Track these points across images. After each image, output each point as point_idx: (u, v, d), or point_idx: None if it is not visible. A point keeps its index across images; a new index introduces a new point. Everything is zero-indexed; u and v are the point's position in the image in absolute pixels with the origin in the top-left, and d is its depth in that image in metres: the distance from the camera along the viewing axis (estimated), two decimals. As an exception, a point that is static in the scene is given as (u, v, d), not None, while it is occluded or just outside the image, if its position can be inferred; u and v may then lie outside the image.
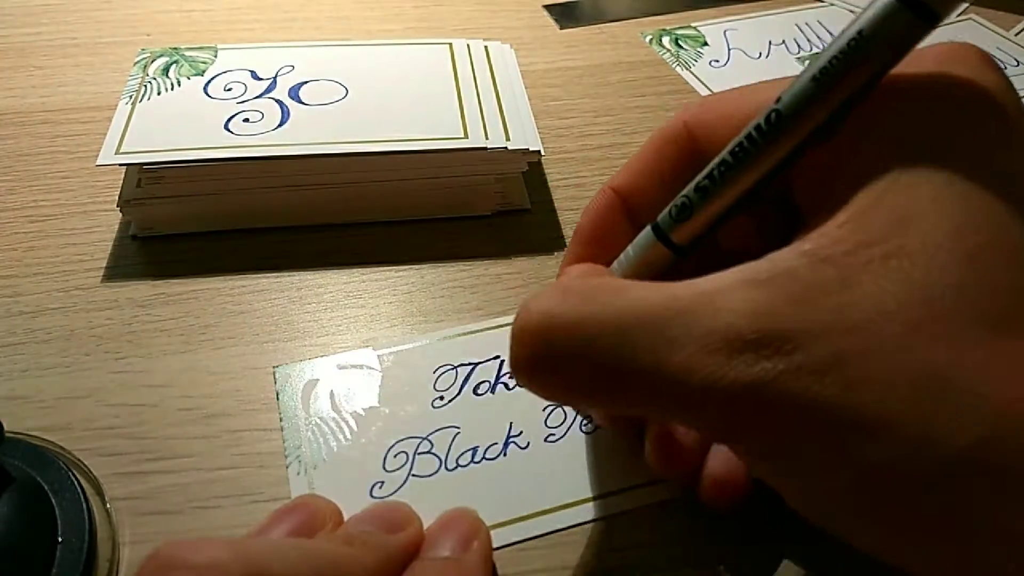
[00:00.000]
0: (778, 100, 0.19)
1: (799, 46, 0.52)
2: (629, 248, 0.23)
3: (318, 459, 0.27)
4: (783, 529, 0.25)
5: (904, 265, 0.16)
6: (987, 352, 0.16)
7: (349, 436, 0.28)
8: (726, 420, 0.17)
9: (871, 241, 0.17)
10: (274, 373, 0.30)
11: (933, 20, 0.17)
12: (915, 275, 0.16)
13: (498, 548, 0.25)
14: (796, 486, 0.18)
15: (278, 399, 0.29)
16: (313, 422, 0.28)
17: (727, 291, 0.17)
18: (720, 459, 0.25)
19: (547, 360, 0.19)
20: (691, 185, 0.21)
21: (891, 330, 0.16)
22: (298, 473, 0.27)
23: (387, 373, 0.30)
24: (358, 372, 0.30)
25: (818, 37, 0.53)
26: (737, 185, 0.20)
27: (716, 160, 0.20)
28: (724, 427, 0.18)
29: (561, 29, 0.53)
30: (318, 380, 0.30)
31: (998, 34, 0.54)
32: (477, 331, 0.32)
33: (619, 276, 0.23)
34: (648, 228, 0.22)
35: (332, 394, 0.29)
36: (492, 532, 0.25)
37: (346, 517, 0.25)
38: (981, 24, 0.55)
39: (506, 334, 0.31)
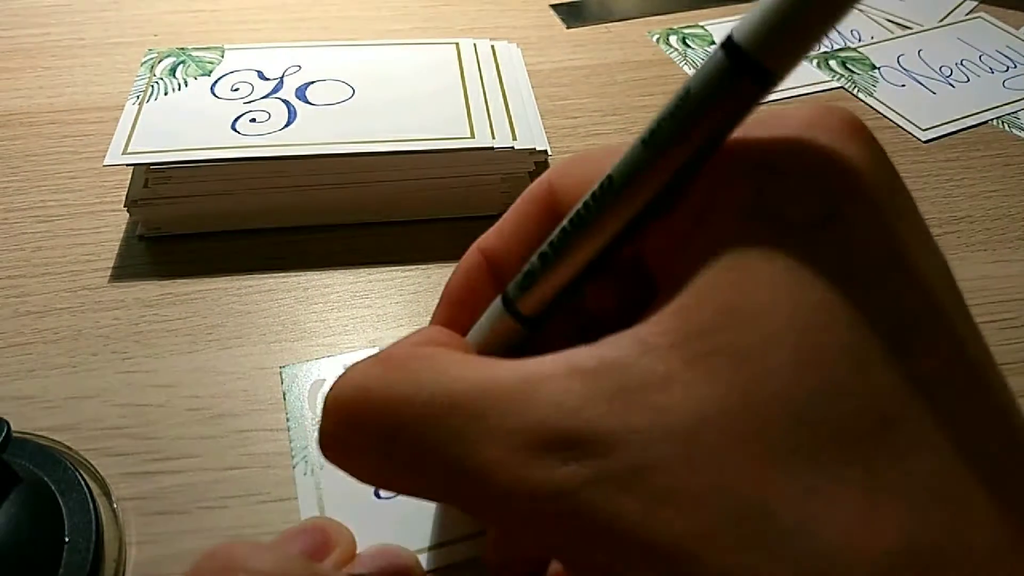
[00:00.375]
0: (615, 165, 0.18)
1: (819, 43, 0.52)
2: (483, 317, 0.22)
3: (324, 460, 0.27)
4: None
5: (729, 365, 0.14)
6: (811, 480, 0.14)
7: None
8: (532, 528, 0.15)
9: (699, 333, 0.15)
10: (281, 373, 0.30)
11: (766, 81, 0.15)
12: (739, 378, 0.14)
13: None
14: None
15: (285, 399, 0.29)
16: (319, 422, 0.28)
17: (548, 379, 0.15)
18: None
19: (352, 440, 0.18)
20: (535, 254, 0.19)
21: (707, 441, 0.14)
22: (305, 474, 0.27)
23: None
24: None
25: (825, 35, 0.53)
26: (577, 254, 0.18)
27: (559, 228, 0.19)
28: (530, 535, 0.16)
29: (568, 28, 0.53)
30: (325, 380, 0.30)
31: (1008, 32, 0.53)
32: None
33: (473, 345, 0.22)
34: (498, 299, 0.21)
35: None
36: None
37: (354, 522, 0.24)
38: (990, 22, 0.54)
39: None
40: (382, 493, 0.26)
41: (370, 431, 0.17)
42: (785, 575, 0.13)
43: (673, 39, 0.52)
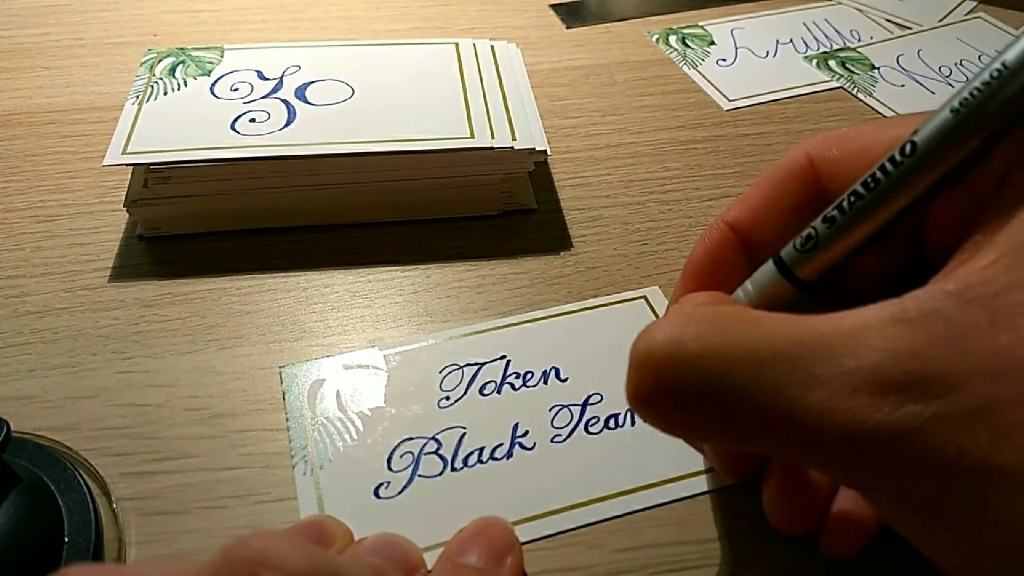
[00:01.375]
0: (915, 132, 0.18)
1: (807, 45, 0.52)
2: (748, 283, 0.22)
3: (324, 459, 0.27)
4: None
5: None
6: None
7: (355, 436, 0.28)
8: (866, 466, 0.16)
9: (1017, 284, 0.16)
10: (280, 373, 0.30)
11: None
12: None
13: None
14: (936, 540, 0.17)
15: (284, 399, 0.29)
16: (319, 422, 0.28)
17: (872, 329, 0.16)
18: (848, 500, 0.23)
19: (673, 392, 0.18)
20: (819, 218, 0.20)
21: None
22: (304, 473, 0.27)
23: (393, 373, 0.30)
24: (364, 372, 0.30)
25: (825, 36, 0.53)
26: (870, 220, 0.19)
27: (847, 193, 0.20)
28: (863, 474, 0.17)
29: (567, 28, 0.53)
30: (324, 380, 0.30)
31: (1007, 33, 0.53)
32: (483, 331, 0.32)
33: None
34: (770, 262, 0.22)
35: (338, 394, 0.29)
36: None
37: (354, 521, 0.25)
38: (989, 22, 0.54)
39: (512, 333, 0.31)
40: (382, 493, 0.26)
41: (689, 382, 0.18)
42: None
43: (673, 39, 0.52)
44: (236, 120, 0.35)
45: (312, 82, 0.38)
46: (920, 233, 0.21)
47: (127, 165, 0.34)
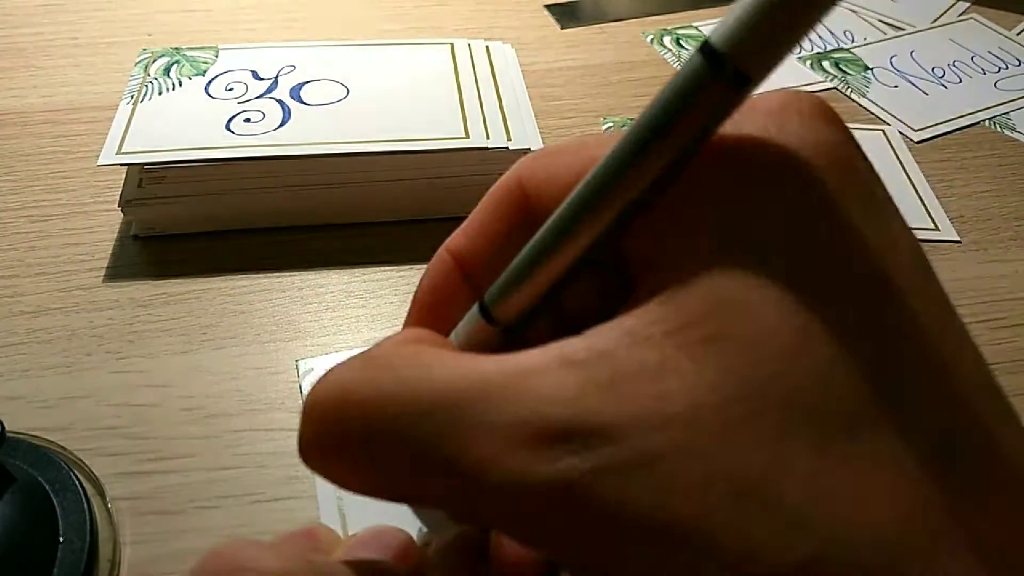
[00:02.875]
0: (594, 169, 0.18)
1: (799, 45, 0.52)
2: (461, 323, 0.21)
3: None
4: None
5: (725, 351, 0.15)
6: (814, 460, 0.14)
7: None
8: (531, 524, 0.15)
9: (689, 322, 0.15)
10: (296, 366, 0.30)
11: (742, 84, 0.15)
12: (736, 363, 0.15)
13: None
14: None
15: (301, 392, 0.29)
16: None
17: (539, 372, 0.15)
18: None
19: (333, 443, 0.17)
20: (514, 260, 0.19)
21: (708, 427, 0.14)
22: None
23: None
24: None
25: (819, 36, 0.53)
26: (554, 262, 0.18)
27: (536, 234, 0.18)
28: (529, 532, 0.16)
29: (562, 29, 0.53)
30: None
31: (1000, 34, 0.54)
32: None
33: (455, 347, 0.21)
34: (475, 305, 0.20)
35: None
36: None
37: (373, 511, 0.24)
38: (982, 24, 0.55)
39: None
40: None
41: (352, 433, 0.17)
42: (800, 548, 0.13)
43: (667, 39, 0.53)
44: (231, 120, 0.35)
45: (307, 82, 0.38)
46: (623, 254, 0.19)
47: (122, 165, 0.34)
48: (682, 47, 0.52)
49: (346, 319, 0.32)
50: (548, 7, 0.55)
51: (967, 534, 0.14)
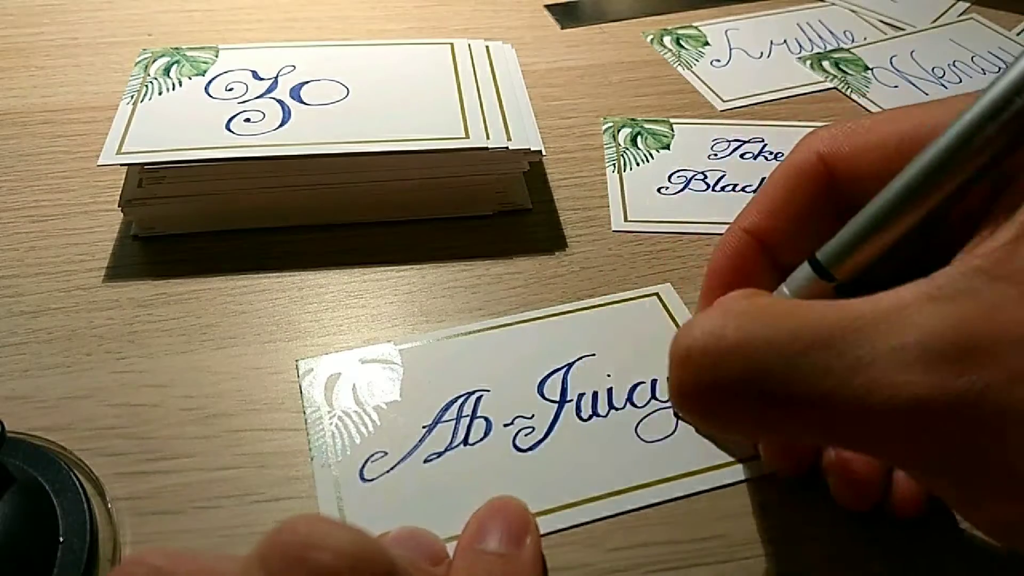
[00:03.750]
0: (952, 125, 0.19)
1: (800, 46, 0.52)
2: (783, 287, 0.23)
3: (342, 451, 0.27)
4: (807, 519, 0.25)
5: None
6: None
7: (372, 429, 0.28)
8: (923, 436, 0.17)
9: None
10: (297, 366, 0.30)
11: None
12: None
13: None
14: (988, 505, 0.18)
15: (301, 392, 0.29)
16: (336, 415, 0.29)
17: (911, 308, 0.17)
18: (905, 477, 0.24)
19: (715, 386, 0.18)
20: (856, 220, 0.21)
21: None
22: (323, 465, 0.27)
23: (408, 368, 0.30)
24: (380, 366, 0.30)
25: (819, 36, 0.53)
26: (902, 221, 0.20)
27: (884, 193, 0.20)
28: (919, 445, 0.17)
29: (562, 29, 0.53)
30: (340, 374, 0.30)
31: (1000, 34, 0.54)
32: (496, 327, 0.32)
33: None
34: (806, 265, 0.22)
35: (355, 387, 0.29)
36: None
37: (372, 512, 0.24)
38: (982, 24, 0.55)
39: (511, 332, 0.31)
40: (397, 483, 0.26)
41: (732, 375, 0.18)
42: None
43: (667, 39, 0.53)
44: (231, 120, 0.35)
45: (307, 82, 0.38)
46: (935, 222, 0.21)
47: (122, 165, 0.34)
48: (682, 47, 0.52)
49: (346, 319, 0.32)
50: (548, 7, 0.55)
51: None
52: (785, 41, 0.53)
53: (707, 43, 0.52)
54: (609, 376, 0.30)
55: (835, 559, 0.25)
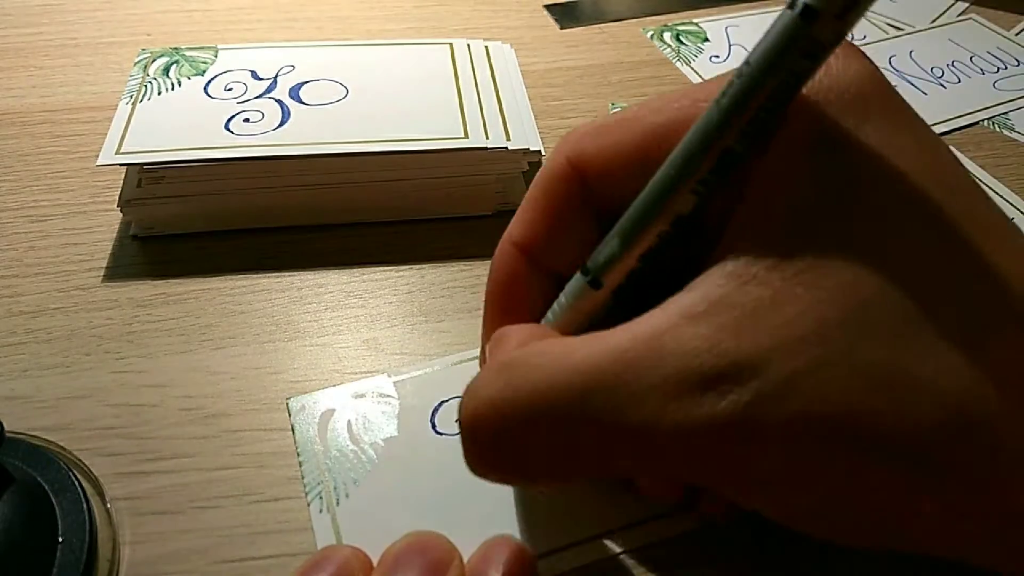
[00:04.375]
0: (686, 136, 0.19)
1: None
2: (562, 296, 0.23)
3: (340, 495, 0.26)
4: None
5: (828, 272, 0.16)
6: (930, 340, 0.16)
7: (370, 468, 0.27)
8: (704, 461, 0.17)
9: (790, 254, 0.17)
10: (287, 405, 0.29)
11: (820, 51, 0.17)
12: (841, 279, 0.16)
13: None
14: (793, 505, 0.18)
15: (293, 432, 0.28)
16: (332, 455, 0.27)
17: (668, 331, 0.17)
18: None
19: (508, 446, 0.18)
20: (617, 225, 0.21)
21: (832, 339, 0.16)
22: (320, 511, 0.26)
23: (404, 401, 0.29)
24: (375, 401, 0.29)
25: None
26: (659, 223, 0.20)
27: (638, 197, 0.20)
28: (704, 469, 0.18)
29: (562, 29, 0.53)
30: (335, 410, 0.29)
31: (998, 34, 0.54)
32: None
33: (554, 326, 0.22)
34: (581, 278, 0.22)
35: (349, 424, 0.28)
36: None
37: (374, 552, 0.24)
38: (981, 24, 0.55)
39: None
40: (402, 525, 0.24)
41: (519, 435, 0.18)
42: (936, 416, 0.16)
43: (667, 35, 0.53)
44: (230, 120, 0.35)
45: (306, 82, 0.38)
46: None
47: (121, 165, 0.34)
48: (681, 43, 0.52)
49: (346, 319, 0.32)
50: (548, 7, 0.55)
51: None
52: (784, 40, 0.53)
53: (706, 39, 0.53)
54: None
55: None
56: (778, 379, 0.16)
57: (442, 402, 0.29)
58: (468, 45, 0.42)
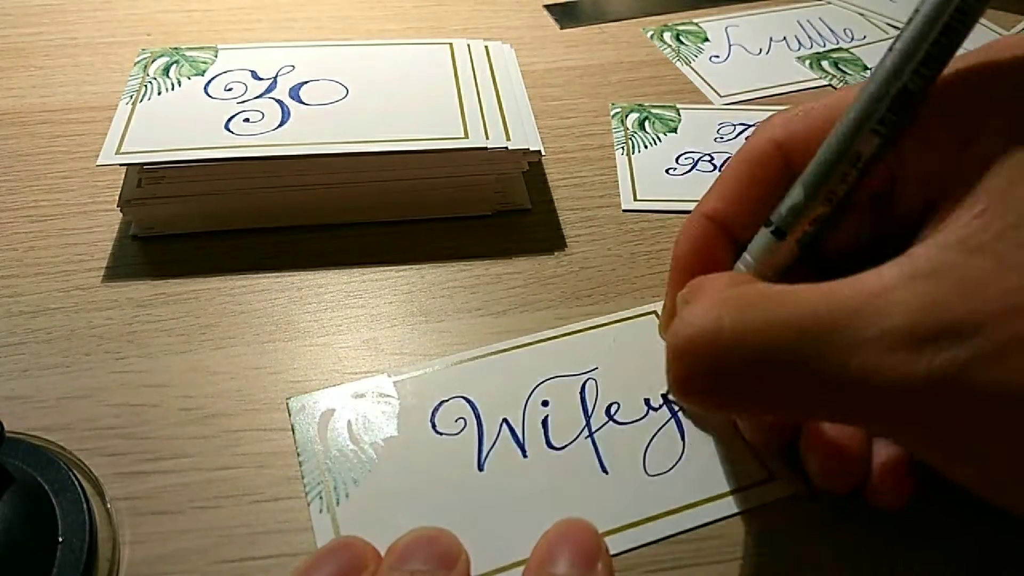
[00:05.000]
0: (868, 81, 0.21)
1: (800, 43, 0.52)
2: (746, 255, 0.24)
3: (340, 495, 0.26)
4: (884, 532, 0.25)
5: None
6: None
7: (371, 468, 0.27)
8: (915, 414, 0.18)
9: (1016, 225, 0.17)
10: (287, 405, 0.29)
11: None
12: None
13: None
14: (984, 471, 0.18)
15: (293, 432, 0.28)
16: (332, 455, 0.27)
17: (895, 287, 0.18)
18: (888, 453, 0.25)
19: (718, 374, 0.19)
20: (798, 182, 0.22)
21: None
22: (320, 511, 0.26)
23: (404, 400, 0.29)
24: (374, 401, 0.29)
25: (819, 34, 0.53)
26: (839, 171, 0.21)
27: (817, 155, 0.22)
28: (912, 422, 0.18)
29: (561, 29, 0.53)
30: (335, 410, 0.29)
31: (997, 33, 0.54)
32: (494, 353, 0.31)
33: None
34: (765, 231, 0.23)
35: (349, 424, 0.28)
36: None
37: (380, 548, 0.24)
38: (981, 24, 0.55)
39: (506, 359, 0.31)
40: (403, 524, 0.24)
41: (733, 363, 0.19)
42: None
43: (667, 35, 0.53)
44: (230, 120, 0.35)
45: (306, 82, 0.38)
46: (887, 203, 0.22)
47: (121, 165, 0.34)
48: (681, 43, 0.52)
49: (346, 319, 0.32)
50: (547, 7, 0.55)
51: None
52: (784, 38, 0.53)
53: (706, 39, 0.53)
54: (612, 395, 0.29)
55: (832, 558, 0.25)
56: (998, 342, 0.16)
57: (442, 402, 0.29)
58: (468, 45, 0.42)
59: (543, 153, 0.36)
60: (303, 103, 0.37)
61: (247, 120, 0.35)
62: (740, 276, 0.23)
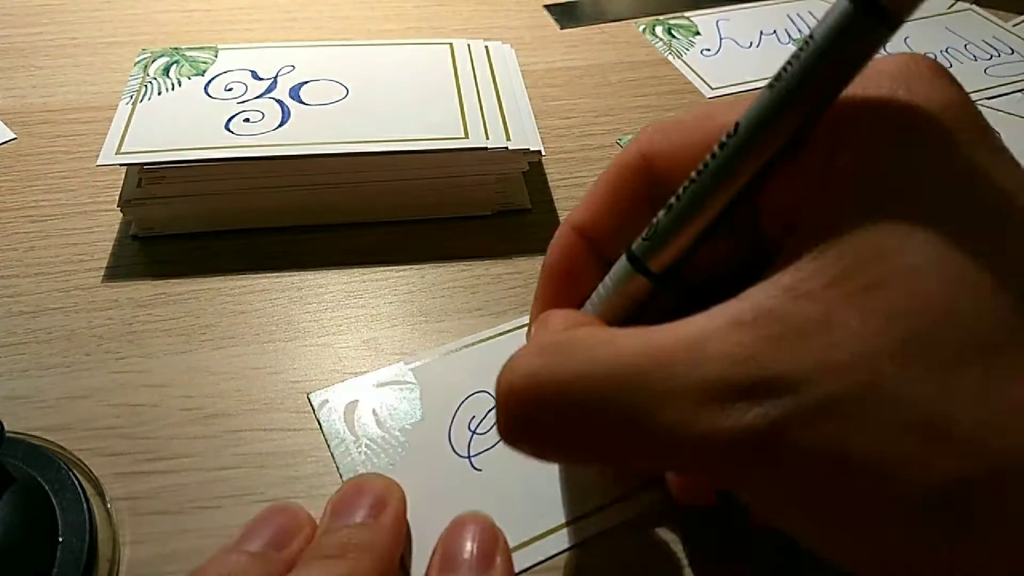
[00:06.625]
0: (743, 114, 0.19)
1: (790, 36, 0.53)
2: (607, 280, 0.23)
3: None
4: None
5: (886, 296, 0.16)
6: (980, 381, 0.15)
7: (402, 452, 0.28)
8: (726, 469, 0.17)
9: (849, 273, 0.16)
10: (309, 399, 0.29)
11: (894, 24, 0.16)
12: (898, 305, 0.16)
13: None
14: (804, 527, 0.17)
15: (321, 427, 0.28)
16: (362, 443, 0.28)
17: (711, 337, 0.17)
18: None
19: (537, 423, 0.19)
20: (662, 209, 0.21)
21: (879, 369, 0.15)
22: None
23: (425, 386, 0.30)
24: (396, 389, 0.30)
25: (808, 27, 0.53)
26: (710, 204, 0.20)
27: (685, 181, 0.20)
28: (725, 476, 0.17)
29: (562, 29, 0.53)
30: (358, 401, 0.29)
31: (996, 24, 0.54)
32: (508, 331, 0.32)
33: (595, 314, 0.23)
34: (623, 258, 0.22)
35: (375, 412, 0.29)
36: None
37: (423, 543, 0.25)
38: (979, 14, 0.55)
39: (515, 337, 0.31)
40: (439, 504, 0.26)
41: (551, 413, 0.18)
42: (974, 471, 0.15)
43: (659, 29, 0.53)
44: (230, 120, 0.35)
45: (306, 82, 0.38)
46: (756, 223, 0.21)
47: (121, 165, 0.34)
48: (673, 36, 0.52)
49: (346, 319, 0.32)
50: (548, 7, 0.55)
51: None
52: (775, 31, 0.53)
53: (697, 32, 0.53)
54: None
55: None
56: (812, 401, 0.15)
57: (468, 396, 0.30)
58: (468, 45, 0.42)
59: (543, 153, 0.36)
60: (303, 103, 0.37)
61: (247, 120, 0.35)
62: (579, 316, 0.22)
